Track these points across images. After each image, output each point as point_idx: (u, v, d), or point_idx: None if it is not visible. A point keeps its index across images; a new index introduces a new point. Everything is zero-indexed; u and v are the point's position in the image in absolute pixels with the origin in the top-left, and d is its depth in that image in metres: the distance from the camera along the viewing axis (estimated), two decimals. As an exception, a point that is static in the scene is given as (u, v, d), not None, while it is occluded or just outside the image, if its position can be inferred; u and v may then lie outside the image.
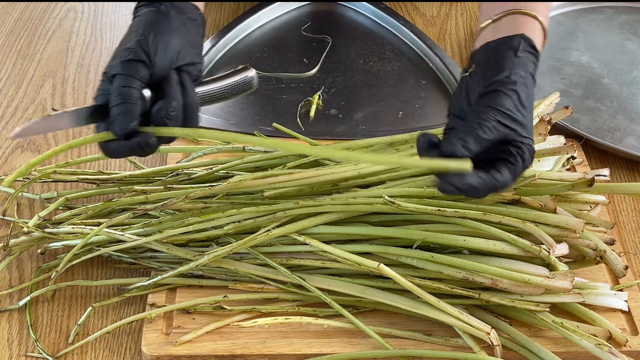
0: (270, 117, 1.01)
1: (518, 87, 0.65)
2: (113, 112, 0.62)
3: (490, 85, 0.65)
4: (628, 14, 1.25)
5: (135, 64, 0.64)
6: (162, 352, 0.71)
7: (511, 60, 0.67)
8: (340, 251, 0.73)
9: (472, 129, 0.63)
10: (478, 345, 0.70)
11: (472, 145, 0.62)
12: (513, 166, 0.63)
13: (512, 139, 0.64)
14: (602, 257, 0.76)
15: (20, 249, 0.81)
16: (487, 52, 0.69)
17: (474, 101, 0.66)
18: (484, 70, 0.67)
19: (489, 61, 0.68)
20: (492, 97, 0.64)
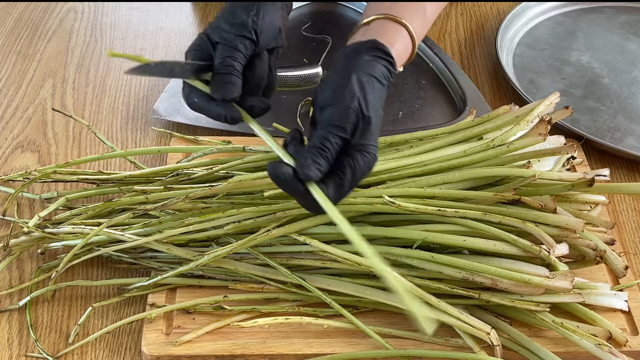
0: (270, 117, 1.00)
1: (358, 96, 0.65)
2: (218, 78, 0.65)
3: (330, 98, 0.65)
4: (628, 14, 1.25)
5: (245, 41, 0.67)
6: (162, 352, 0.71)
7: (352, 67, 0.67)
8: (340, 251, 0.73)
9: (322, 152, 0.62)
10: (478, 345, 0.70)
11: (324, 169, 0.62)
12: (342, 181, 0.63)
13: (346, 150, 0.64)
14: (602, 257, 0.76)
15: (20, 249, 0.81)
16: (340, 56, 0.69)
17: (318, 111, 0.66)
18: (329, 77, 0.67)
19: (335, 67, 0.68)
20: (332, 112, 0.64)
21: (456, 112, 1.03)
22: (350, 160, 0.64)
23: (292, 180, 0.62)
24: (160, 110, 0.99)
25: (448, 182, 0.77)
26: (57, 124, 1.00)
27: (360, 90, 0.65)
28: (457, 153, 0.79)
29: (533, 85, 1.09)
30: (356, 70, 0.67)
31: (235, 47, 0.66)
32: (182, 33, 1.19)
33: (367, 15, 0.75)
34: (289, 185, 0.62)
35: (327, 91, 0.66)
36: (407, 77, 1.10)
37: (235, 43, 0.66)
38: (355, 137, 0.64)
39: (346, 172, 0.63)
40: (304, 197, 0.63)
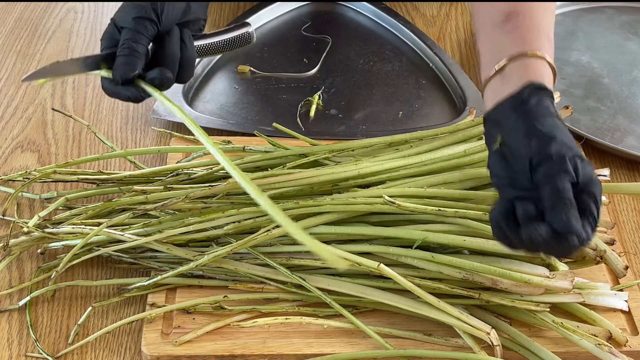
0: (270, 117, 1.01)
1: (557, 140, 0.61)
2: (118, 60, 0.68)
3: (536, 154, 0.61)
4: (628, 14, 1.25)
5: (144, 22, 0.69)
6: (162, 352, 0.71)
7: (532, 117, 0.63)
8: (340, 251, 0.73)
9: (566, 205, 0.59)
10: (478, 345, 0.70)
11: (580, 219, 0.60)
12: (593, 216, 0.60)
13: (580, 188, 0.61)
14: (602, 257, 0.76)
15: (20, 249, 0.81)
16: (503, 113, 0.66)
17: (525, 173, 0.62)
18: (515, 138, 0.63)
19: (513, 124, 0.64)
20: (549, 165, 0.61)
21: (456, 112, 1.03)
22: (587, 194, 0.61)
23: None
24: (160, 110, 0.99)
25: (448, 182, 0.77)
26: (57, 124, 1.00)
27: (553, 132, 0.62)
28: (457, 153, 0.79)
29: (533, 85, 1.09)
30: (536, 117, 0.63)
31: (135, 29, 0.69)
32: (182, 33, 1.19)
33: (491, 58, 0.70)
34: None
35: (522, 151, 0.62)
36: (407, 77, 1.10)
37: (134, 26, 0.69)
38: (579, 176, 0.61)
39: (592, 210, 0.60)
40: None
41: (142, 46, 0.69)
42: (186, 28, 0.73)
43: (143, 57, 0.69)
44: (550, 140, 0.61)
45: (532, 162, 0.61)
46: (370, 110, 1.03)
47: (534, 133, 0.62)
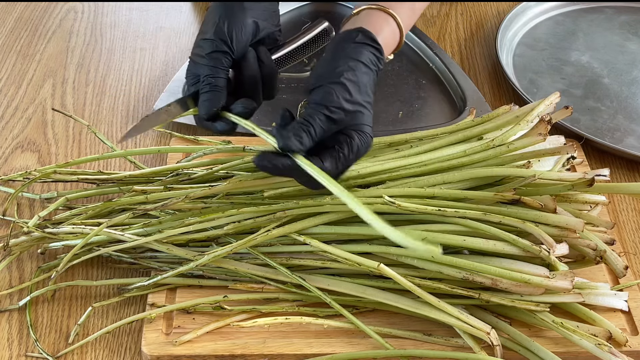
0: (270, 117, 1.00)
1: (344, 78, 0.68)
2: (201, 98, 0.72)
3: (317, 80, 0.69)
4: (628, 14, 1.25)
5: (218, 55, 0.72)
6: (162, 352, 0.71)
7: (340, 52, 0.71)
8: (340, 251, 0.73)
9: (304, 126, 0.66)
10: (478, 345, 0.70)
11: (306, 141, 0.66)
12: (338, 154, 0.67)
13: (343, 130, 0.68)
14: (602, 257, 0.76)
15: (20, 249, 0.81)
16: (331, 44, 0.74)
17: (309, 94, 0.70)
18: (319, 63, 0.72)
19: (325, 53, 0.72)
20: (318, 92, 0.68)
21: (456, 112, 1.03)
22: (346, 136, 0.68)
23: (277, 157, 0.66)
24: (160, 110, 0.99)
25: (448, 182, 0.77)
26: (57, 124, 1.00)
27: (346, 73, 0.69)
28: (457, 153, 0.79)
29: (533, 85, 1.09)
30: (344, 55, 0.70)
31: (212, 65, 0.72)
32: (182, 33, 1.19)
33: (359, 6, 0.78)
34: (275, 164, 0.66)
35: (316, 75, 0.70)
36: (407, 77, 1.10)
37: (210, 61, 0.72)
38: (347, 119, 0.68)
39: (342, 146, 0.67)
40: (298, 173, 0.66)
41: (221, 79, 0.72)
42: (261, 45, 0.76)
43: (224, 90, 0.72)
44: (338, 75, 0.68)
45: (314, 85, 0.69)
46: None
47: (331, 65, 0.70)
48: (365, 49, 0.72)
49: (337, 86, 0.68)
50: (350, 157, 0.68)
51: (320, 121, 0.66)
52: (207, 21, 0.74)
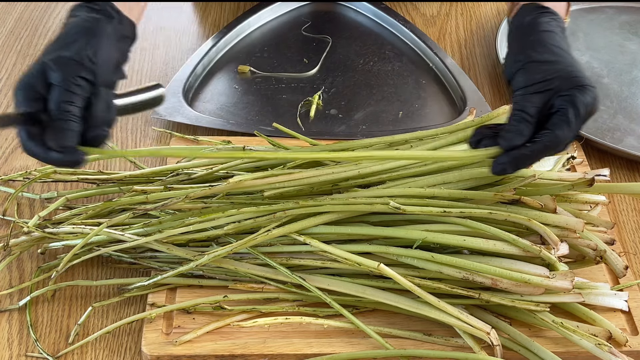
0: (270, 117, 1.01)
1: (534, 54, 0.69)
2: (55, 125, 0.63)
3: (513, 65, 0.70)
4: (628, 14, 1.25)
5: (82, 82, 0.64)
6: (162, 352, 0.71)
7: (521, 31, 0.73)
8: (340, 251, 0.73)
9: (518, 116, 0.67)
10: (478, 345, 0.70)
11: (525, 131, 0.67)
12: (565, 116, 0.66)
13: (561, 92, 0.67)
14: (602, 257, 0.76)
15: (20, 249, 0.81)
16: (509, 32, 0.76)
17: (511, 83, 0.71)
18: (509, 52, 0.73)
19: (509, 42, 0.74)
20: (518, 78, 0.69)
21: (456, 112, 1.03)
22: (564, 97, 0.66)
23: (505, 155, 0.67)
24: (160, 110, 0.99)
25: (448, 182, 0.77)
26: (57, 124, 1.00)
27: (532, 46, 0.70)
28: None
29: (533, 85, 1.09)
30: (525, 33, 0.72)
31: (72, 90, 0.63)
32: (182, 33, 1.19)
33: None
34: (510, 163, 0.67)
35: (510, 62, 0.71)
36: (407, 77, 1.10)
37: (71, 86, 0.63)
38: (556, 82, 0.67)
39: (566, 109, 0.66)
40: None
41: (78, 109, 0.63)
42: (110, 89, 0.69)
43: (80, 122, 0.63)
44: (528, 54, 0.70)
45: (511, 74, 0.71)
46: (370, 110, 1.03)
47: (516, 48, 0.72)
48: (541, 18, 0.72)
49: (530, 64, 0.69)
50: (579, 114, 0.66)
51: (532, 102, 0.67)
52: (70, 41, 0.66)
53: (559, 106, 0.66)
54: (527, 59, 0.69)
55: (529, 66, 0.69)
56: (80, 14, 0.69)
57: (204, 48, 1.11)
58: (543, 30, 0.72)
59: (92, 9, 0.69)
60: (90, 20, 0.68)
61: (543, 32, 0.72)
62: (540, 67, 0.68)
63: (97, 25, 0.68)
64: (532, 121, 0.67)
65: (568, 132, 0.66)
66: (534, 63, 0.69)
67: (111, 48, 0.68)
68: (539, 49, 0.70)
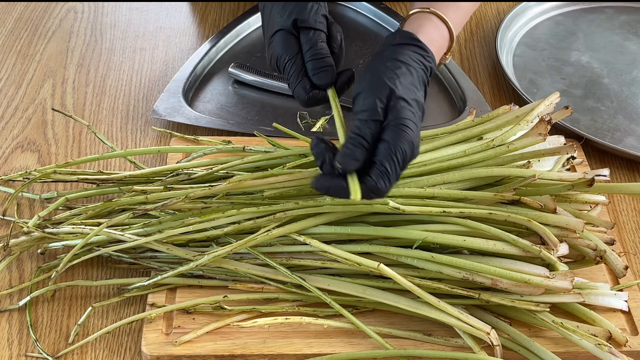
0: (270, 117, 1.01)
1: (386, 78, 0.66)
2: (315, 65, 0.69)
3: (357, 88, 0.67)
4: (628, 14, 1.25)
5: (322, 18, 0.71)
6: (162, 352, 0.71)
7: (378, 57, 0.69)
8: (340, 251, 0.73)
9: (355, 140, 0.63)
10: (478, 345, 0.70)
11: (360, 156, 0.63)
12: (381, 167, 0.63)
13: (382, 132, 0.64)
14: (602, 257, 0.76)
15: (20, 249, 0.81)
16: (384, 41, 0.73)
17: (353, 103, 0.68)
18: (360, 71, 0.69)
19: (368, 62, 0.71)
20: (358, 100, 0.66)
21: (456, 112, 1.03)
22: (385, 142, 0.63)
23: (333, 179, 0.63)
24: (160, 110, 0.99)
25: (448, 182, 0.77)
26: (57, 124, 1.00)
27: (383, 73, 0.66)
28: (457, 153, 0.79)
29: (533, 85, 1.09)
30: (381, 58, 0.69)
31: (320, 29, 0.70)
32: (182, 33, 1.19)
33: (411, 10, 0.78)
34: (334, 186, 0.63)
35: (357, 83, 0.68)
36: (407, 77, 1.10)
37: (319, 25, 0.70)
38: (388, 117, 0.64)
39: (383, 155, 0.63)
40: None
41: (326, 44, 0.70)
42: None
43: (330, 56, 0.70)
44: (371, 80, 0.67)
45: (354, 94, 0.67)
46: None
47: (364, 71, 0.68)
48: (405, 49, 0.69)
49: (375, 90, 0.65)
50: (395, 164, 0.63)
51: (369, 129, 0.63)
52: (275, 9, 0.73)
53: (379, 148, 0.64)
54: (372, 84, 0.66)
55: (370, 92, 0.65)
56: None
57: (204, 48, 1.11)
58: (403, 62, 0.68)
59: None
60: None
61: (402, 63, 0.68)
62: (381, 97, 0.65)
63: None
64: (367, 148, 0.63)
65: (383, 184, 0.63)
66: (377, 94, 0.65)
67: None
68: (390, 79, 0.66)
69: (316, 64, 0.70)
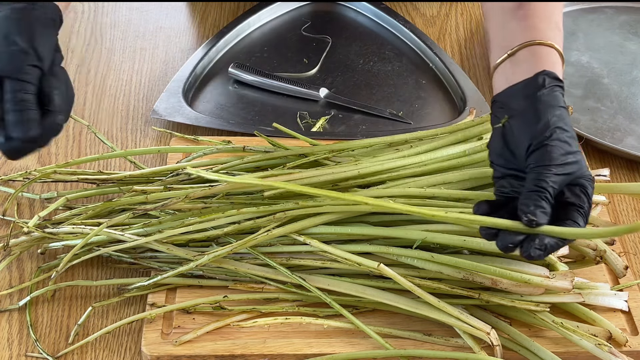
0: (270, 117, 1.01)
1: (560, 131, 0.64)
2: (16, 117, 0.62)
3: (535, 139, 0.64)
4: (628, 14, 1.25)
5: (30, 69, 0.63)
6: (162, 352, 0.71)
7: (539, 104, 0.66)
8: (340, 251, 0.73)
9: (541, 193, 0.63)
10: (478, 345, 0.70)
11: (547, 209, 0.62)
12: (583, 209, 0.64)
13: (572, 182, 0.65)
14: (602, 257, 0.76)
15: (20, 249, 0.81)
16: (514, 97, 0.68)
17: (521, 156, 0.66)
18: (520, 121, 0.66)
19: (522, 109, 0.67)
20: (542, 153, 0.64)
21: (456, 112, 1.03)
22: (579, 187, 0.64)
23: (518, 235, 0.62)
24: (160, 110, 0.99)
25: (448, 182, 0.77)
26: (57, 124, 1.00)
27: (558, 124, 0.64)
28: (457, 153, 0.79)
29: (533, 85, 1.09)
30: (545, 106, 0.65)
31: (24, 79, 0.62)
32: (182, 33, 1.19)
33: (501, 46, 0.72)
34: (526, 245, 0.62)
35: (525, 136, 0.65)
36: (407, 77, 1.10)
37: (20, 74, 0.62)
38: (574, 169, 0.64)
39: (582, 200, 0.64)
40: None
41: (34, 96, 0.63)
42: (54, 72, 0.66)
43: (37, 109, 0.63)
44: (553, 130, 0.64)
45: (530, 147, 0.64)
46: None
47: (540, 120, 0.65)
48: (558, 92, 0.67)
49: (555, 141, 0.64)
50: (590, 208, 0.64)
51: (553, 183, 0.63)
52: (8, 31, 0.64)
53: (575, 194, 0.64)
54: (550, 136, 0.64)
55: (553, 145, 0.64)
56: (3, 9, 0.66)
57: (204, 48, 1.11)
58: (562, 106, 0.66)
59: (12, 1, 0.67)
60: (17, 11, 0.66)
61: (563, 110, 0.66)
62: (563, 151, 0.64)
63: (26, 14, 0.66)
64: (552, 203, 0.63)
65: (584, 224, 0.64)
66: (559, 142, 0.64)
67: (45, 32, 0.66)
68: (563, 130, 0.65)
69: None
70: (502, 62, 0.72)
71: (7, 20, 0.65)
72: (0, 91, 0.63)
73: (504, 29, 0.73)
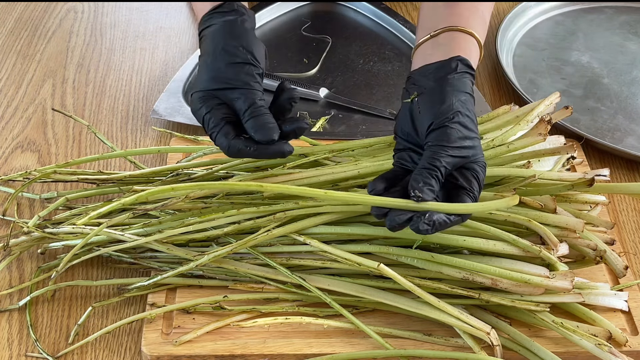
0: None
1: (462, 116, 0.68)
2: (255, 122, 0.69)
3: (436, 119, 0.68)
4: (628, 14, 1.25)
5: (258, 78, 0.72)
6: (162, 352, 0.71)
7: (447, 87, 0.69)
8: (340, 251, 0.73)
9: (432, 171, 0.65)
10: (478, 345, 0.70)
11: (436, 187, 0.65)
12: (473, 192, 0.66)
13: (465, 165, 0.68)
14: (602, 257, 0.76)
15: (20, 249, 0.81)
16: (426, 76, 0.72)
17: (422, 133, 0.69)
18: (427, 100, 0.70)
19: (431, 89, 0.70)
20: (441, 133, 0.67)
21: (456, 112, 1.03)
22: (470, 171, 0.67)
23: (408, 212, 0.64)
24: (160, 110, 0.99)
25: (448, 182, 0.77)
26: (57, 124, 1.00)
27: (460, 109, 0.68)
28: (457, 153, 0.79)
29: (533, 85, 1.09)
30: (452, 90, 0.69)
31: (254, 88, 0.70)
32: (182, 33, 1.19)
33: (427, 28, 0.75)
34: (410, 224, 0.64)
35: (430, 114, 0.69)
36: (407, 77, 1.10)
37: (252, 84, 0.70)
38: (468, 154, 0.67)
39: (472, 183, 0.67)
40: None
41: (265, 101, 0.71)
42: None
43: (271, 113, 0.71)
44: (456, 114, 0.68)
45: (432, 125, 0.68)
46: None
47: (445, 102, 0.68)
48: (467, 79, 0.71)
49: (455, 124, 0.67)
50: (479, 191, 0.67)
51: (446, 163, 0.66)
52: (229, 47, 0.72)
53: (465, 178, 0.67)
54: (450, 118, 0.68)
55: (451, 127, 0.67)
56: (216, 22, 0.74)
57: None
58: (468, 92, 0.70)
59: (223, 12, 0.74)
60: (230, 24, 0.73)
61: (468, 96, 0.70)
62: (461, 134, 0.67)
63: (238, 26, 0.73)
64: (441, 182, 0.66)
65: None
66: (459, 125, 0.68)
67: (257, 40, 0.73)
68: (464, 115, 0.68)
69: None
70: (423, 42, 0.75)
71: (223, 34, 0.72)
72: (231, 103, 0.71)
73: (433, 13, 0.77)
